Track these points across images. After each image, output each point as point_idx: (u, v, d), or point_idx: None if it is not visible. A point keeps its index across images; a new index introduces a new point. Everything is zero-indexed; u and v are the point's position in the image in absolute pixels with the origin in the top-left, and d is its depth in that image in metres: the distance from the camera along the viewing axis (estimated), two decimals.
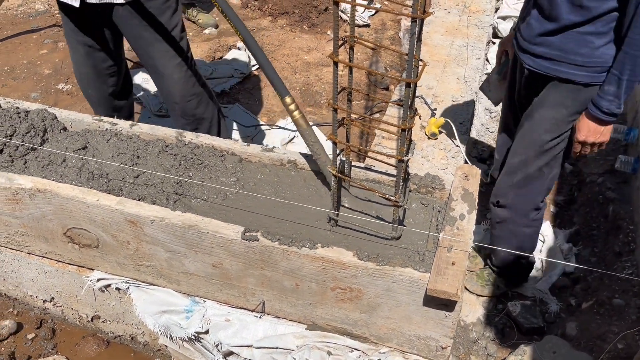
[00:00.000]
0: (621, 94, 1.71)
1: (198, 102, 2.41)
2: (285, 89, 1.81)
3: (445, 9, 3.91)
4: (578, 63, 1.76)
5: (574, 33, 1.74)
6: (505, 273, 2.31)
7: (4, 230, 1.99)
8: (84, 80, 2.45)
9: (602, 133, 1.80)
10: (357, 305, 1.67)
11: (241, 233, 1.64)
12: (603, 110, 1.74)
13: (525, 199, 2.05)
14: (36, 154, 1.97)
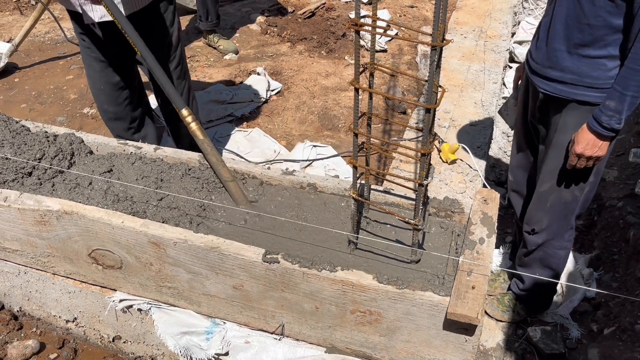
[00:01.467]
0: (623, 110, 1.71)
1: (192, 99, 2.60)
2: (181, 102, 1.98)
3: (462, 34, 3.96)
4: (593, 85, 1.78)
5: (586, 57, 1.77)
6: (530, 298, 2.29)
7: (30, 250, 2.03)
8: (100, 96, 2.53)
9: (599, 147, 1.80)
10: (376, 329, 1.67)
11: (262, 255, 1.67)
12: (603, 125, 1.75)
13: (560, 222, 2.06)
14: (64, 176, 2.03)
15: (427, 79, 1.34)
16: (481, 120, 3.06)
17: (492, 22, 4.08)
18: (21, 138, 2.07)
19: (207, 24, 4.20)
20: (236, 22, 4.75)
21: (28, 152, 2.03)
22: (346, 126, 3.42)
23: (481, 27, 4.02)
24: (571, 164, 1.88)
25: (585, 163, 1.85)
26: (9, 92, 3.88)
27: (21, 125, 2.15)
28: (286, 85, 3.82)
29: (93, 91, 2.55)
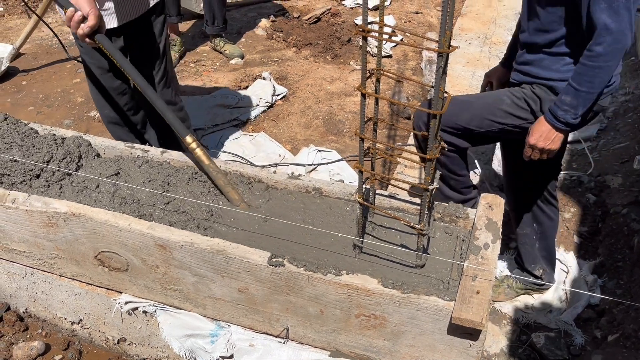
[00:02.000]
0: (578, 105, 1.78)
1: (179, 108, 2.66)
2: (184, 130, 1.97)
3: (466, 41, 3.97)
4: (555, 77, 1.92)
5: (548, 54, 1.92)
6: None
7: (37, 252, 2.05)
8: (100, 100, 2.56)
9: (552, 140, 1.87)
10: (381, 333, 1.68)
11: (268, 259, 1.68)
12: (558, 119, 1.82)
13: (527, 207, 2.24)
14: (71, 179, 2.05)
15: (433, 85, 1.35)
16: None
17: (497, 29, 4.09)
18: (29, 140, 2.09)
19: (214, 28, 4.24)
20: (242, 27, 4.78)
21: (36, 155, 2.05)
22: (351, 131, 3.43)
23: (486, 33, 4.03)
24: (526, 155, 1.96)
25: (539, 155, 1.92)
26: (17, 94, 3.91)
27: (29, 128, 2.17)
28: (291, 90, 3.84)
29: (93, 96, 2.58)
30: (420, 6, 4.99)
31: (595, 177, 3.02)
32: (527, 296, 2.44)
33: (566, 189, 2.98)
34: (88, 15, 1.91)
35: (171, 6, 4.09)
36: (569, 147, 3.29)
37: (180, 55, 4.29)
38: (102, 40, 1.99)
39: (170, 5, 4.07)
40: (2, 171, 2.01)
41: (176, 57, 4.22)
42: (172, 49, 4.23)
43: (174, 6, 4.11)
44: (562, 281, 2.49)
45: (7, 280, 2.24)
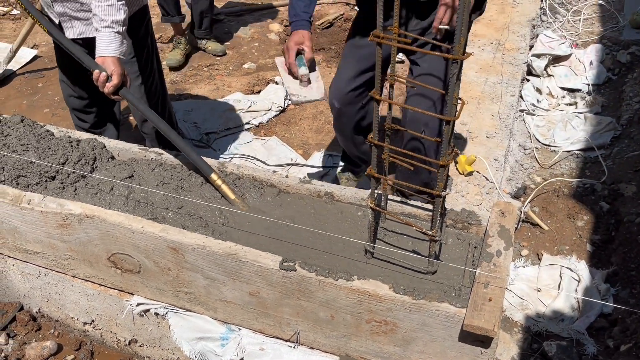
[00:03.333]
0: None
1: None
2: (208, 168, 2.02)
3: (479, 47, 3.96)
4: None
5: None
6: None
7: (51, 253, 2.07)
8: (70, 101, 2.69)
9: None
10: (391, 339, 1.68)
11: (279, 263, 1.69)
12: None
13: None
14: (86, 181, 2.07)
15: (447, 91, 1.35)
16: (498, 133, 3.05)
17: (510, 35, 4.08)
18: (45, 142, 2.11)
19: (200, 32, 4.33)
20: (255, 31, 4.81)
21: (52, 157, 2.07)
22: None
23: (499, 39, 4.02)
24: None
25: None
26: (33, 97, 3.96)
27: (45, 130, 2.20)
28: None
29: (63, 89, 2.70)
30: None
31: (609, 185, 2.99)
32: (539, 304, 2.43)
33: (579, 196, 2.96)
34: (112, 75, 2.04)
35: (172, 6, 4.13)
36: (582, 155, 3.27)
37: (187, 54, 4.33)
38: (126, 94, 2.11)
39: (171, 5, 4.11)
40: (18, 172, 2.03)
41: (182, 56, 4.26)
42: (177, 47, 4.29)
43: (175, 6, 4.15)
44: (574, 290, 2.47)
45: (21, 280, 2.27)
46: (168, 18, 4.17)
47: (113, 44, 2.06)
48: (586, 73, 3.82)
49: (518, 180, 3.17)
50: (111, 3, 2.04)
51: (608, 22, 4.39)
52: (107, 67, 2.04)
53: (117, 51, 2.06)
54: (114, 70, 2.04)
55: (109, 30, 2.05)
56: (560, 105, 3.68)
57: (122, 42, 2.09)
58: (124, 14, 2.07)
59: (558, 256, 2.64)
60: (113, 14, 2.04)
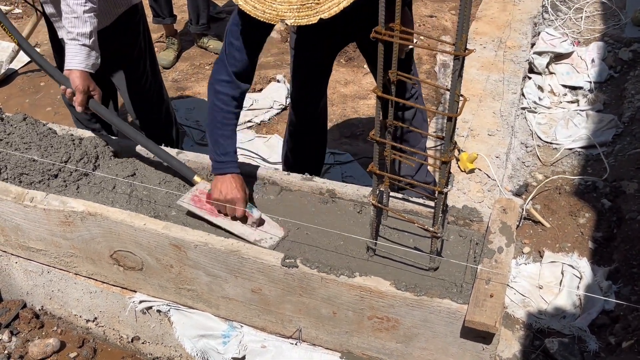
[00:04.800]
0: None
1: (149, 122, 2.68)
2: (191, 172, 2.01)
3: (481, 44, 3.96)
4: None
5: None
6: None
7: (54, 250, 2.08)
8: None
9: None
10: (393, 335, 1.68)
11: (281, 260, 1.69)
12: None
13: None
14: (88, 179, 2.08)
15: (449, 88, 1.35)
16: (500, 130, 3.05)
17: (512, 33, 4.07)
18: (48, 141, 2.12)
19: (197, 27, 4.33)
20: None
21: (54, 155, 2.08)
22: (365, 134, 3.44)
23: (500, 37, 4.02)
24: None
25: None
26: (35, 95, 3.97)
27: (48, 128, 2.21)
28: None
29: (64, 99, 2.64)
30: (434, 10, 4.98)
31: (611, 182, 2.99)
32: (541, 301, 2.43)
33: (581, 194, 2.96)
34: (75, 91, 2.00)
35: (164, 7, 4.13)
36: (584, 152, 3.27)
37: (177, 55, 4.34)
38: (95, 107, 2.07)
39: (162, 6, 4.12)
40: (21, 170, 2.04)
41: (175, 56, 4.28)
42: (170, 47, 4.30)
43: (166, 7, 4.15)
44: (576, 287, 2.47)
45: (24, 278, 2.27)
46: (159, 19, 4.19)
47: (78, 56, 2.00)
48: (588, 71, 3.82)
49: (520, 177, 3.17)
50: (77, 15, 1.99)
51: (610, 20, 4.39)
52: (72, 82, 2.00)
53: (82, 64, 2.00)
54: (77, 86, 1.99)
55: (75, 43, 2.00)
56: (562, 103, 3.68)
57: (89, 54, 2.03)
58: (90, 27, 2.01)
59: (560, 253, 2.64)
60: (79, 26, 1.99)
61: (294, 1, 1.41)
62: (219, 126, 1.87)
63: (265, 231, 1.84)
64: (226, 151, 1.87)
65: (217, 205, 1.88)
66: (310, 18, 1.42)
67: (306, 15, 1.41)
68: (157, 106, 2.69)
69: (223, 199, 1.85)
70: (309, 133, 2.60)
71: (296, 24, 1.43)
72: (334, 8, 1.39)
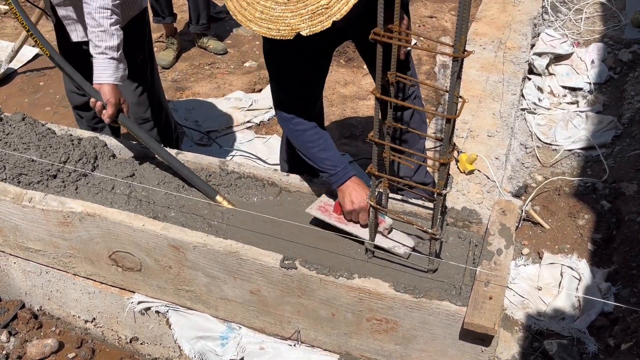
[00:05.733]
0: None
1: (151, 127, 2.67)
2: (213, 191, 1.98)
3: (480, 45, 3.96)
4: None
5: None
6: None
7: (53, 251, 2.07)
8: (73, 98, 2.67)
9: None
10: (392, 337, 1.68)
11: (280, 261, 1.69)
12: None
13: None
14: (87, 179, 2.07)
15: (448, 90, 1.35)
16: (499, 131, 3.05)
17: (512, 34, 4.07)
18: (47, 141, 2.12)
19: (197, 27, 4.33)
20: None
21: (53, 155, 2.07)
22: (364, 135, 3.43)
23: (500, 38, 4.01)
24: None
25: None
26: (34, 95, 3.96)
27: (47, 128, 2.20)
28: None
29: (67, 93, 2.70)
30: (434, 10, 4.98)
31: (610, 184, 2.99)
32: (540, 303, 2.43)
33: (580, 195, 2.96)
34: (107, 104, 2.01)
35: (164, 6, 4.12)
36: (583, 154, 3.26)
37: (177, 55, 4.34)
38: (124, 120, 2.07)
39: (163, 5, 4.11)
40: (19, 171, 2.04)
41: (174, 56, 4.27)
42: (169, 47, 4.29)
43: (167, 6, 4.14)
44: (575, 288, 2.47)
45: (22, 278, 2.27)
46: (159, 19, 4.17)
47: (107, 70, 2.01)
48: (588, 72, 3.82)
49: (519, 178, 3.17)
50: (104, 29, 1.99)
51: (610, 21, 4.39)
52: (103, 95, 2.01)
53: (112, 77, 2.02)
54: (109, 99, 2.00)
55: (103, 57, 2.01)
56: (561, 104, 3.68)
57: (118, 67, 2.04)
58: (117, 40, 2.02)
59: (559, 255, 2.64)
60: (106, 39, 2.00)
61: (305, 12, 1.40)
62: (312, 146, 1.88)
63: (397, 240, 1.80)
64: (333, 161, 1.86)
65: (349, 216, 1.85)
66: (323, 24, 1.40)
67: (319, 22, 1.40)
68: (157, 111, 2.69)
69: (358, 207, 1.80)
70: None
71: (312, 33, 1.41)
72: (344, 8, 1.38)
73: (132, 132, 2.08)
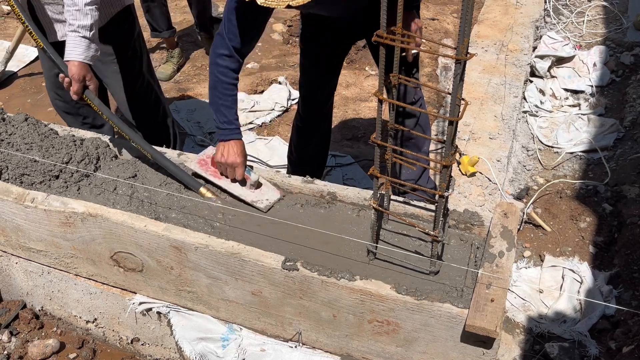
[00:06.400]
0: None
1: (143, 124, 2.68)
2: (197, 184, 2.04)
3: (482, 47, 3.96)
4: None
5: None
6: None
7: (54, 251, 2.08)
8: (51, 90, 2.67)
9: None
10: (393, 339, 1.68)
11: (282, 262, 1.69)
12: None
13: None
14: (89, 180, 2.08)
15: (450, 92, 1.35)
16: (501, 134, 3.05)
17: (514, 36, 4.07)
18: (49, 141, 2.12)
19: (202, 33, 4.29)
20: None
21: (55, 155, 2.08)
22: (366, 136, 3.43)
23: (502, 40, 4.02)
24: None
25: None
26: (37, 95, 3.97)
27: (50, 129, 2.21)
28: None
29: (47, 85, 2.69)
30: (436, 13, 4.99)
31: (612, 187, 2.99)
32: (542, 305, 2.42)
33: (582, 198, 2.96)
34: (72, 80, 2.04)
35: (160, 21, 4.04)
36: (585, 156, 3.26)
37: (179, 67, 4.27)
38: (90, 97, 2.10)
39: (158, 19, 4.03)
40: (22, 171, 2.04)
41: (174, 69, 4.20)
42: (170, 60, 4.22)
43: (162, 20, 4.06)
44: (576, 291, 2.46)
45: (24, 279, 2.27)
46: (156, 34, 4.12)
47: (78, 48, 2.05)
48: (590, 74, 3.82)
49: (521, 181, 3.17)
50: (78, 8, 2.03)
51: (612, 24, 4.39)
52: (69, 72, 2.04)
53: (82, 56, 2.04)
54: (74, 74, 2.03)
55: (75, 35, 2.04)
56: (563, 107, 3.68)
57: (89, 46, 2.07)
58: (91, 19, 2.05)
59: (560, 257, 2.64)
60: (80, 18, 2.03)
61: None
62: (220, 96, 2.00)
63: (263, 193, 1.99)
64: (228, 120, 2.00)
65: (220, 169, 2.02)
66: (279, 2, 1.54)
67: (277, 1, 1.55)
68: (154, 107, 2.69)
69: (224, 162, 1.98)
70: (314, 132, 2.63)
71: (265, 5, 1.56)
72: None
73: (98, 108, 2.10)
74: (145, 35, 3.24)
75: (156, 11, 4.00)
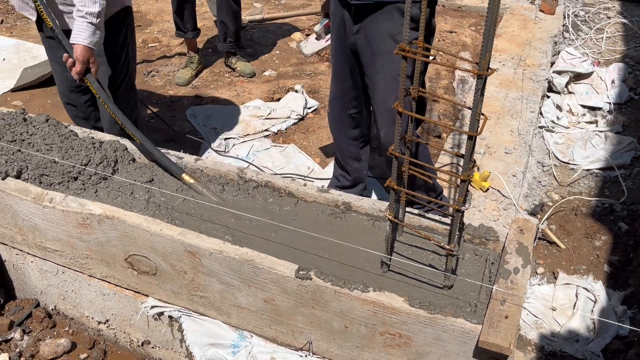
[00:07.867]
0: None
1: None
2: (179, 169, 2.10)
3: (500, 62, 3.96)
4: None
5: None
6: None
7: (70, 252, 2.10)
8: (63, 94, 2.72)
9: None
10: (405, 352, 1.67)
11: (295, 271, 1.69)
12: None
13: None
14: (107, 183, 2.10)
15: (466, 105, 1.35)
16: (517, 149, 3.04)
17: (532, 51, 4.07)
18: (69, 143, 2.15)
19: (225, 45, 4.22)
20: (277, 39, 4.85)
21: (75, 157, 2.10)
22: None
23: (520, 55, 4.01)
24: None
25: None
26: (57, 96, 4.01)
27: (70, 130, 2.24)
28: (323, 103, 3.87)
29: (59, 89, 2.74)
30: (454, 25, 4.99)
31: (628, 205, 2.96)
32: (554, 323, 2.40)
33: (597, 216, 2.93)
34: (76, 61, 2.19)
35: (187, 21, 4.03)
36: (601, 174, 3.24)
37: (197, 73, 4.26)
38: (90, 79, 2.24)
39: (186, 20, 4.02)
40: (41, 171, 2.07)
41: (192, 75, 4.20)
42: (189, 66, 4.23)
43: (189, 21, 4.05)
44: (590, 310, 2.44)
45: (38, 277, 2.30)
46: (181, 33, 4.10)
47: (84, 32, 2.17)
48: (607, 91, 3.80)
49: (535, 197, 3.15)
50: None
51: (631, 41, 4.36)
52: (74, 53, 2.17)
53: (87, 40, 2.18)
54: (78, 56, 2.17)
55: (83, 20, 2.17)
56: (580, 123, 3.66)
57: (94, 32, 2.19)
58: (99, 7, 2.18)
59: (574, 275, 2.61)
60: (88, 5, 2.16)
61: None
62: None
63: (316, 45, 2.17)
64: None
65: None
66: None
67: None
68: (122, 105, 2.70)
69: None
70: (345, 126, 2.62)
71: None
72: None
73: (96, 91, 2.22)
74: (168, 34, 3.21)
75: (187, 11, 4.02)
